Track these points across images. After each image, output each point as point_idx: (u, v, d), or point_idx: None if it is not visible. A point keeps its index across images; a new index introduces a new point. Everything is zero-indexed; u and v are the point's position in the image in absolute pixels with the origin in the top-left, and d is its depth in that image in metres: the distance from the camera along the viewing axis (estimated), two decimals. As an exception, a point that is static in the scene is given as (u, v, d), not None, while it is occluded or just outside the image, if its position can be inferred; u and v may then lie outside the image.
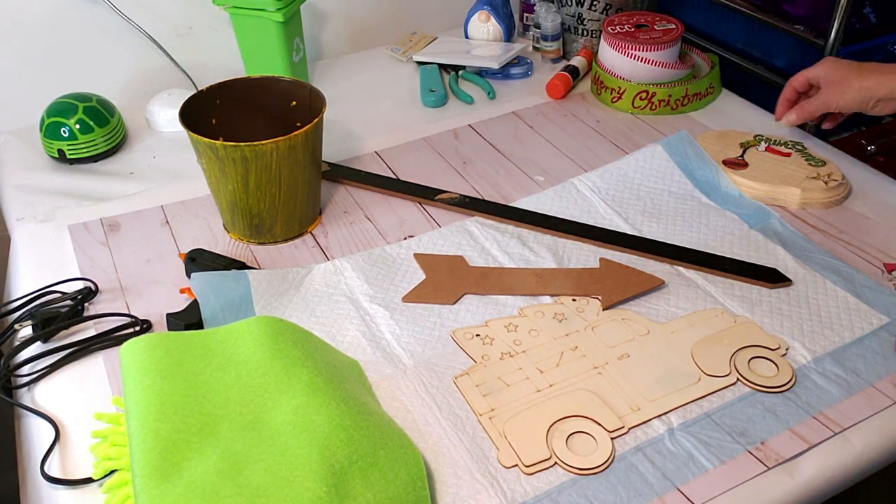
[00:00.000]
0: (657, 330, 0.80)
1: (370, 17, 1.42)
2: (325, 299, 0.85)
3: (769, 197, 0.99)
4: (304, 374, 0.67)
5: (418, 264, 0.90)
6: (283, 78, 0.97)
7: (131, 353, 0.69)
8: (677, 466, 0.67)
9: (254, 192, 0.89)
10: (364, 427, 0.64)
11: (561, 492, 0.65)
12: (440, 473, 0.67)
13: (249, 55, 1.22)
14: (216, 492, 0.58)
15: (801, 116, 1.02)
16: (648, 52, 1.17)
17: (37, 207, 1.01)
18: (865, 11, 1.25)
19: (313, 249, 0.94)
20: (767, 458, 0.68)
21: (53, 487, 0.67)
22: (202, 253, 0.89)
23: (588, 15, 1.32)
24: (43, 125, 1.07)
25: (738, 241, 0.92)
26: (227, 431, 0.63)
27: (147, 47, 1.23)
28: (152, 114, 1.17)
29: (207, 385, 0.66)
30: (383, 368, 0.77)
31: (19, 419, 0.76)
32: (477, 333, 0.80)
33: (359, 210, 1.01)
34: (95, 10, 1.17)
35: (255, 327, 0.71)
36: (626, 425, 0.70)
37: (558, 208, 0.99)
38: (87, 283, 0.86)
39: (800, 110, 1.02)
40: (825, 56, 1.15)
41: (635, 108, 1.20)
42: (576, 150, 1.12)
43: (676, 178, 1.03)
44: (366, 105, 1.24)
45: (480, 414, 0.72)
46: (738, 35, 1.36)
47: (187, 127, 0.87)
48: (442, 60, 1.32)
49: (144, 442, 0.61)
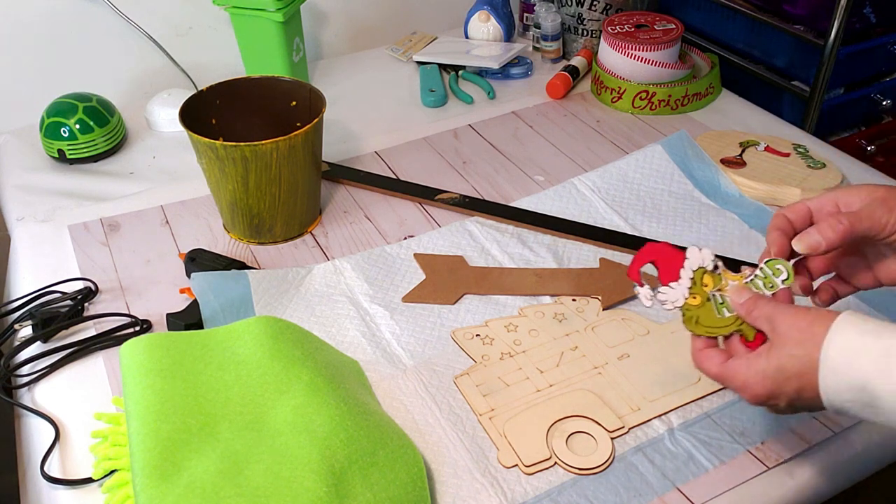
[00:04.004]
0: (657, 330, 0.80)
1: (370, 17, 1.42)
2: (325, 299, 0.85)
3: (769, 197, 0.99)
4: (304, 374, 0.67)
5: (418, 264, 0.90)
6: (283, 78, 0.97)
7: (131, 353, 0.69)
8: (677, 466, 0.67)
9: (254, 192, 0.89)
10: (364, 427, 0.64)
11: (561, 492, 0.65)
12: (440, 473, 0.67)
13: (249, 55, 1.22)
14: (216, 492, 0.58)
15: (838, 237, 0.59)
16: (648, 52, 1.17)
17: (37, 207, 1.01)
18: (865, 11, 1.25)
19: (313, 249, 0.94)
20: (767, 458, 0.68)
21: (53, 487, 0.67)
22: (202, 253, 0.89)
23: (588, 15, 1.32)
24: (43, 125, 1.07)
25: (738, 241, 0.92)
26: (227, 431, 0.63)
27: (147, 47, 1.23)
28: (152, 114, 1.17)
29: (207, 385, 0.66)
30: (383, 368, 0.77)
31: (19, 419, 0.76)
32: (477, 333, 0.80)
33: (359, 210, 1.01)
34: (95, 10, 1.17)
35: (255, 327, 0.71)
36: (626, 425, 0.70)
37: (558, 208, 0.99)
38: (87, 283, 0.86)
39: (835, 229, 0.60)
40: (824, 56, 1.15)
41: (635, 108, 1.20)
42: (576, 150, 1.12)
43: (676, 178, 1.03)
44: (366, 105, 1.24)
45: (480, 414, 0.72)
46: (738, 35, 1.36)
47: (187, 127, 0.87)
48: (442, 60, 1.32)
49: (144, 442, 0.61)
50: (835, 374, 0.51)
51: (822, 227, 0.59)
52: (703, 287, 0.63)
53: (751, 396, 0.56)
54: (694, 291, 0.63)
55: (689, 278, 0.63)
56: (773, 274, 0.61)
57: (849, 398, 0.51)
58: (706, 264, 0.63)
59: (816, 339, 0.52)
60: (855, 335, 0.51)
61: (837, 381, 0.51)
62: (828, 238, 0.58)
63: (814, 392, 0.53)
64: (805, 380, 0.53)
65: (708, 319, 0.62)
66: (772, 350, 0.55)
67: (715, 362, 0.59)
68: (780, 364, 0.54)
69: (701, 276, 0.63)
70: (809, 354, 0.53)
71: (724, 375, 0.58)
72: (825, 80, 1.21)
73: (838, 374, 0.51)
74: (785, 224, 0.62)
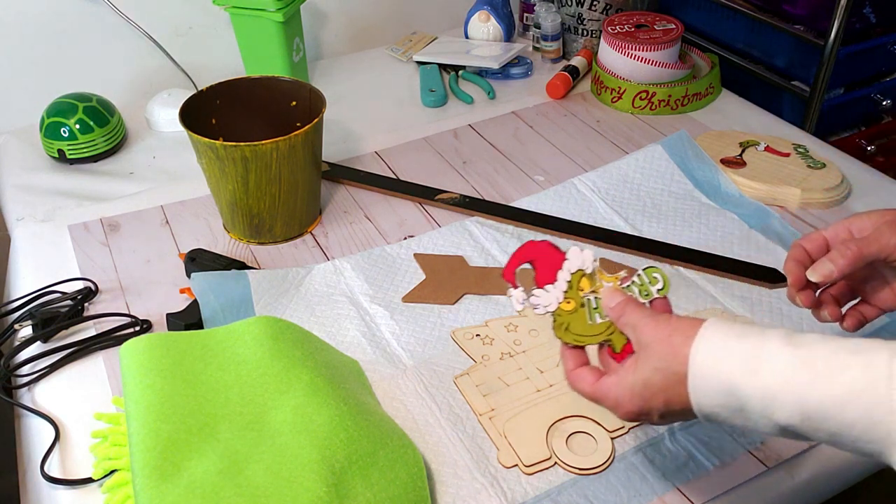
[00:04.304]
0: (657, 330, 0.80)
1: (370, 17, 1.42)
2: (325, 299, 0.85)
3: (769, 197, 0.99)
4: (304, 374, 0.67)
5: (418, 264, 0.90)
6: (283, 78, 0.97)
7: (131, 353, 0.69)
8: (677, 466, 0.67)
9: (254, 192, 0.89)
10: (364, 427, 0.64)
11: (561, 492, 0.65)
12: (440, 473, 0.67)
13: (249, 55, 1.22)
14: (216, 492, 0.58)
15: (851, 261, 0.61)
16: (648, 52, 1.17)
17: (37, 207, 1.01)
18: (865, 11, 1.25)
19: (313, 249, 0.94)
20: (767, 458, 0.68)
21: (53, 487, 0.67)
22: (202, 253, 0.89)
23: (588, 15, 1.32)
24: (43, 125, 1.07)
25: (738, 241, 0.92)
26: (227, 431, 0.63)
27: (147, 47, 1.23)
28: (152, 114, 1.17)
29: (207, 385, 0.66)
30: (383, 368, 0.77)
31: (19, 419, 0.76)
32: (477, 333, 0.80)
33: (359, 210, 1.01)
34: (95, 10, 1.17)
35: (255, 327, 0.71)
36: (627, 425, 0.70)
37: (558, 208, 0.99)
38: (87, 283, 0.86)
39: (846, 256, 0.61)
40: (824, 56, 1.15)
41: (635, 108, 1.20)
42: (576, 150, 1.12)
43: (676, 178, 1.03)
44: (366, 105, 1.24)
45: (480, 414, 0.72)
46: (738, 35, 1.36)
47: (187, 127, 0.87)
48: (442, 60, 1.32)
49: (144, 442, 0.61)
50: (703, 381, 0.51)
51: (832, 256, 0.61)
52: (580, 291, 0.59)
53: (623, 414, 0.55)
54: (569, 296, 0.59)
55: (565, 281, 0.59)
56: (650, 282, 0.58)
57: (718, 403, 0.50)
58: (586, 267, 0.59)
59: (675, 349, 0.52)
60: (720, 340, 0.51)
61: (706, 387, 0.51)
62: (839, 265, 0.60)
63: (682, 404, 0.52)
64: (671, 392, 0.52)
65: (578, 327, 0.59)
66: (637, 364, 0.54)
67: (588, 382, 0.57)
68: (645, 378, 0.53)
69: (579, 279, 0.59)
70: (670, 367, 0.52)
71: (597, 395, 0.57)
72: (825, 80, 1.21)
73: (706, 380, 0.50)
74: (802, 255, 0.63)
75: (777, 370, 0.48)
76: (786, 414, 0.48)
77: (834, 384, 0.46)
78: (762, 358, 0.49)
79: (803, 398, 0.47)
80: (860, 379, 0.46)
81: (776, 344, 0.49)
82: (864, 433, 0.45)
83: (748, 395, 0.49)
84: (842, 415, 0.46)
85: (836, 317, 0.65)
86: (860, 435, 0.46)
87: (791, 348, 0.48)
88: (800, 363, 0.48)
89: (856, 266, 0.60)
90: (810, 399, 0.47)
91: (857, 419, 0.45)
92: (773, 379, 0.48)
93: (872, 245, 0.60)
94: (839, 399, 0.46)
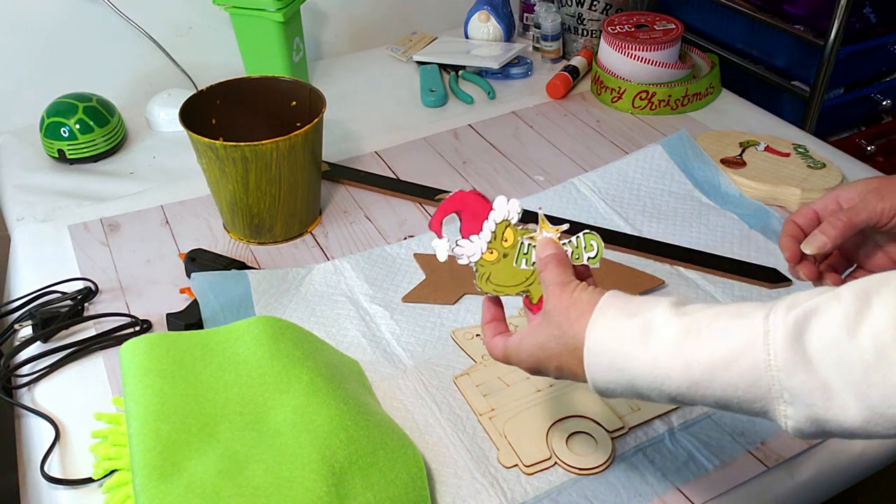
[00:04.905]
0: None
1: (370, 17, 1.42)
2: (325, 299, 0.85)
3: (769, 196, 0.99)
4: (304, 374, 0.67)
5: (418, 264, 0.90)
6: (283, 78, 0.97)
7: (131, 353, 0.69)
8: (677, 466, 0.67)
9: (254, 192, 0.89)
10: (364, 427, 0.64)
11: (561, 492, 0.65)
12: (440, 473, 0.67)
13: (249, 55, 1.22)
14: (216, 492, 0.58)
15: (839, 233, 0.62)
16: (648, 52, 1.17)
17: (37, 207, 1.01)
18: (865, 11, 1.25)
19: (313, 249, 0.94)
20: (767, 458, 0.68)
21: (53, 487, 0.67)
22: (202, 253, 0.89)
23: (588, 15, 1.32)
24: (43, 125, 1.07)
25: (738, 241, 0.92)
26: (227, 431, 0.63)
27: (147, 47, 1.23)
28: (152, 114, 1.17)
29: (207, 385, 0.66)
30: (383, 368, 0.77)
31: (19, 419, 0.76)
32: (477, 333, 0.80)
33: (359, 210, 1.01)
34: (95, 10, 1.17)
35: (255, 327, 0.71)
36: (627, 425, 0.70)
37: (558, 208, 0.99)
38: (87, 283, 0.86)
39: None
40: (824, 56, 1.15)
41: (635, 108, 1.20)
42: (576, 150, 1.12)
43: (676, 178, 1.03)
44: (366, 105, 1.24)
45: (480, 414, 0.72)
46: (738, 35, 1.36)
47: (187, 127, 0.87)
48: (442, 60, 1.32)
49: (144, 442, 0.61)
50: (596, 358, 0.52)
51: (824, 227, 0.62)
52: (503, 242, 0.59)
53: (525, 368, 0.58)
54: (492, 246, 0.60)
55: (490, 231, 0.59)
56: (585, 249, 0.59)
57: (611, 380, 0.52)
58: (511, 217, 0.59)
59: (571, 322, 0.54)
60: (612, 319, 0.52)
61: (598, 363, 0.52)
62: (831, 236, 0.61)
63: (574, 372, 0.54)
64: (564, 359, 0.54)
65: (499, 277, 0.60)
66: (539, 325, 0.56)
67: (500, 345, 0.60)
68: (541, 342, 0.56)
69: (503, 229, 0.59)
70: (564, 337, 0.54)
71: (507, 354, 0.59)
72: (825, 80, 1.21)
73: (598, 357, 0.52)
74: (795, 230, 0.64)
75: (664, 342, 0.49)
76: (675, 384, 0.49)
77: (716, 348, 0.47)
78: (650, 331, 0.50)
79: (688, 365, 0.48)
80: (739, 339, 0.47)
81: (663, 316, 0.50)
82: (748, 392, 0.47)
83: (639, 372, 0.50)
84: (725, 377, 0.47)
85: (837, 285, 0.65)
86: (744, 395, 0.47)
87: (677, 318, 0.50)
88: (684, 331, 0.49)
89: (847, 235, 0.62)
90: (695, 365, 0.48)
91: (739, 379, 0.46)
92: (661, 351, 0.49)
93: (861, 213, 0.61)
94: (721, 361, 0.47)
